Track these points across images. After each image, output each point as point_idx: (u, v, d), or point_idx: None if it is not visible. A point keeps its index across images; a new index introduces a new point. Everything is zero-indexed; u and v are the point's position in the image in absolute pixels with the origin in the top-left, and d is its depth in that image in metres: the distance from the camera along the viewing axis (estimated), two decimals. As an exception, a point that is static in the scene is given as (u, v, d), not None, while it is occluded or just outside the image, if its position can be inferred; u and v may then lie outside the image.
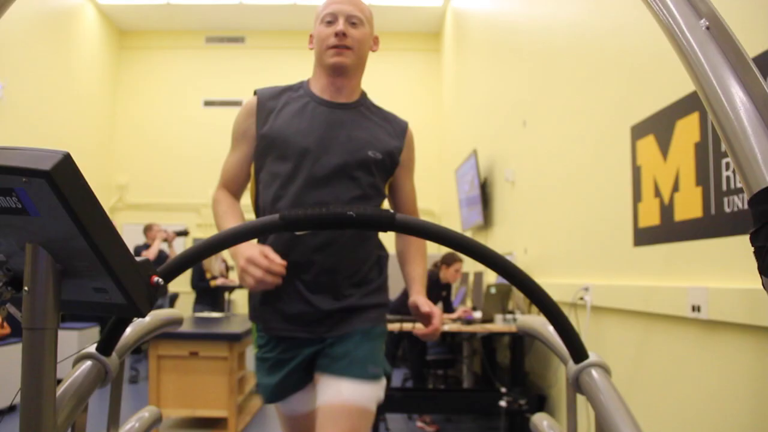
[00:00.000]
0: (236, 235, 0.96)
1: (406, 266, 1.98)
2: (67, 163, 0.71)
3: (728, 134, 0.67)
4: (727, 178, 2.18)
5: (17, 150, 0.72)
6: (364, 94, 1.98)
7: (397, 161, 1.93)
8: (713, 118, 0.70)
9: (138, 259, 0.83)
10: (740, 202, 2.11)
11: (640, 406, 2.75)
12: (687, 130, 2.46)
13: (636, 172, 2.93)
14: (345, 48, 1.83)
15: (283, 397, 1.87)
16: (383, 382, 1.84)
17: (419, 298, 1.84)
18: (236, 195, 1.97)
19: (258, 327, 1.91)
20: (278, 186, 1.83)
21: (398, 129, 1.97)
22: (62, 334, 5.83)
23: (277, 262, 1.64)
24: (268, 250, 1.66)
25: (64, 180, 0.70)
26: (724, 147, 2.13)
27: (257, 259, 1.62)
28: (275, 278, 1.64)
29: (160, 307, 5.17)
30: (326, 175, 1.80)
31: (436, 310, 1.80)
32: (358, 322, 1.84)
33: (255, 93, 1.93)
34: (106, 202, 10.14)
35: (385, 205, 2.03)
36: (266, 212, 1.87)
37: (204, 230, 9.97)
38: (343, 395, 1.71)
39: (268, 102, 1.90)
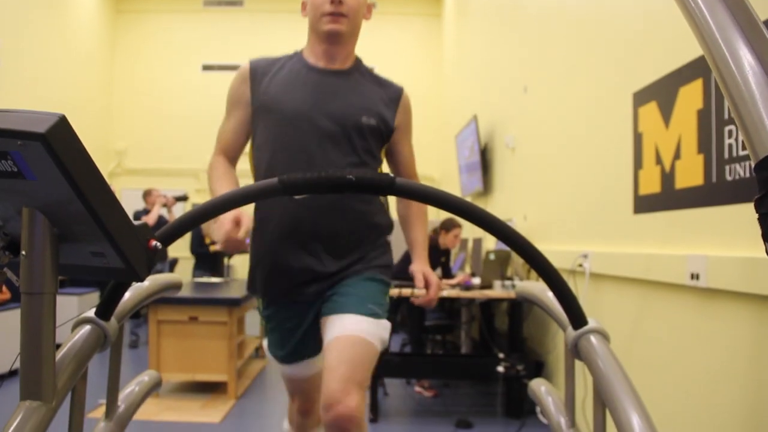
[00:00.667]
0: (235, 199, 0.96)
1: (407, 231, 2.01)
2: (62, 125, 0.70)
3: (735, 99, 0.66)
4: (730, 146, 2.17)
5: (12, 113, 0.71)
6: (358, 60, 1.97)
7: (392, 128, 1.92)
8: (720, 81, 0.69)
9: (136, 223, 0.83)
10: (742, 170, 2.10)
11: (638, 373, 2.77)
12: (690, 97, 2.44)
13: (637, 139, 2.91)
14: (340, 15, 1.82)
15: (292, 362, 1.96)
16: (387, 324, 1.83)
17: (418, 266, 1.89)
18: (232, 161, 1.97)
19: (259, 298, 1.97)
20: (272, 151, 1.83)
21: (393, 95, 1.96)
22: (62, 300, 5.86)
23: (236, 234, 1.60)
24: (244, 215, 1.62)
25: (59, 143, 0.69)
26: (730, 112, 2.12)
27: (224, 222, 1.60)
28: (237, 244, 1.63)
29: (160, 272, 5.19)
30: (319, 140, 1.80)
31: (434, 279, 1.83)
32: (359, 271, 1.88)
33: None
34: (104, 167, 10.10)
35: (384, 170, 2.03)
36: (262, 177, 1.86)
37: (203, 195, 9.95)
38: (347, 328, 1.73)
39: (262, 68, 1.91)
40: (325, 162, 1.79)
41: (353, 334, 1.72)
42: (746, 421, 2.11)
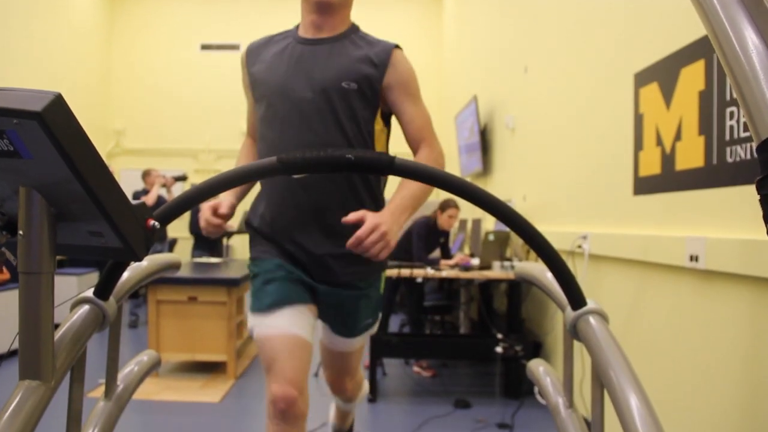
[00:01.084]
0: (233, 177, 0.95)
1: (399, 185, 1.77)
2: (58, 104, 0.69)
3: (738, 79, 0.65)
4: (731, 127, 2.16)
5: (8, 91, 0.70)
6: (352, 27, 1.91)
7: (377, 88, 1.81)
8: (723, 61, 0.68)
9: (134, 202, 0.82)
10: (743, 152, 2.09)
11: (636, 354, 2.78)
12: (692, 78, 2.42)
13: (638, 120, 2.90)
14: None
15: (279, 307, 1.76)
16: (377, 320, 2.05)
17: (372, 214, 1.63)
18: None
19: (252, 258, 1.93)
20: (265, 128, 1.84)
21: (381, 53, 1.83)
22: (61, 280, 5.88)
23: (214, 221, 1.74)
24: (221, 204, 1.76)
25: (55, 121, 0.68)
26: (732, 93, 2.10)
27: (203, 210, 1.75)
28: (216, 228, 1.76)
29: (159, 252, 5.18)
30: (302, 112, 1.77)
31: (370, 218, 1.58)
32: (356, 275, 1.87)
33: None
34: (102, 147, 10.07)
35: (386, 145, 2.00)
36: (263, 155, 1.88)
37: (202, 175, 9.93)
38: (337, 346, 2.02)
39: (255, 49, 1.91)
40: (311, 133, 1.76)
41: (343, 350, 2.04)
42: (743, 402, 2.12)
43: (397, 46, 1.89)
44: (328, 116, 1.78)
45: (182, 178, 7.04)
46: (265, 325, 1.75)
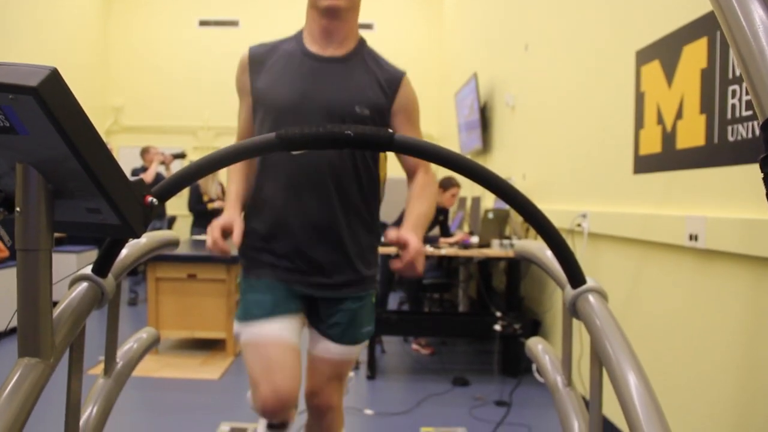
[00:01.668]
0: (233, 153, 0.94)
1: (407, 204, 1.85)
2: (54, 78, 0.68)
3: (743, 54, 0.64)
4: (733, 106, 2.14)
5: (3, 66, 0.69)
6: (360, 43, 1.87)
7: (389, 114, 1.82)
8: (729, 36, 0.67)
9: (131, 179, 0.81)
10: (744, 131, 2.08)
11: (635, 333, 2.79)
12: (694, 56, 2.40)
13: (639, 98, 2.88)
14: None
15: (269, 316, 1.77)
16: (371, 329, 1.98)
17: (399, 230, 1.68)
18: None
19: (244, 275, 1.91)
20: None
21: (392, 80, 1.83)
22: (60, 257, 5.88)
23: (220, 245, 1.69)
24: (235, 226, 1.71)
25: (51, 96, 0.67)
26: (736, 71, 2.09)
27: (212, 229, 1.70)
28: (222, 251, 1.70)
29: (158, 230, 5.17)
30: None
31: (413, 240, 1.64)
32: (350, 290, 1.86)
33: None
34: (101, 124, 10.02)
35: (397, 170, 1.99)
36: (258, 170, 1.86)
37: (201, 153, 9.89)
38: (331, 353, 1.89)
39: (260, 56, 1.84)
40: (321, 156, 1.74)
41: (336, 358, 1.89)
42: (742, 381, 2.13)
43: (405, 74, 1.89)
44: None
45: (181, 156, 7.02)
46: (250, 332, 1.77)
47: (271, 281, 1.82)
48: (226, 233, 1.71)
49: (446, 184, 5.39)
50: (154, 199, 0.85)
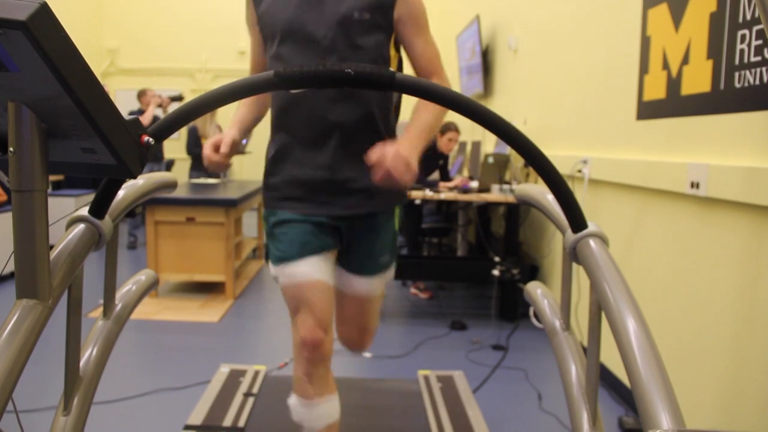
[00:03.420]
0: (230, 92, 0.92)
1: (412, 117, 1.79)
2: (44, 12, 0.66)
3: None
4: (741, 51, 2.10)
5: (-11, 1, 0.66)
6: None
7: (391, 15, 1.77)
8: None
9: (127, 117, 0.80)
10: (752, 78, 2.04)
11: (633, 279, 2.80)
12: (702, -2, 2.35)
13: (645, 42, 2.83)
14: None
15: (301, 257, 1.78)
16: (393, 263, 2.00)
17: (389, 145, 1.62)
18: None
19: (269, 213, 1.89)
20: (275, 67, 1.78)
21: None
22: (58, 201, 5.87)
23: (215, 159, 1.71)
24: (224, 142, 1.71)
25: (41, 31, 0.65)
26: (748, 13, 2.03)
27: (206, 147, 1.73)
28: (219, 165, 1.73)
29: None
30: (314, 48, 1.72)
31: (390, 148, 1.58)
32: (372, 205, 1.84)
33: None
34: (96, 67, 9.89)
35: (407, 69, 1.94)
36: (274, 101, 1.84)
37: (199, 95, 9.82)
38: (357, 289, 1.95)
39: None
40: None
41: (360, 293, 1.95)
42: (737, 327, 2.15)
43: None
44: (344, 50, 1.73)
45: (178, 98, 6.94)
46: (286, 274, 1.81)
47: (298, 216, 1.81)
48: (218, 148, 1.73)
49: (443, 128, 5.33)
50: (150, 139, 0.83)
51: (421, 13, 1.83)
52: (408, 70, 1.87)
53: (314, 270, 1.78)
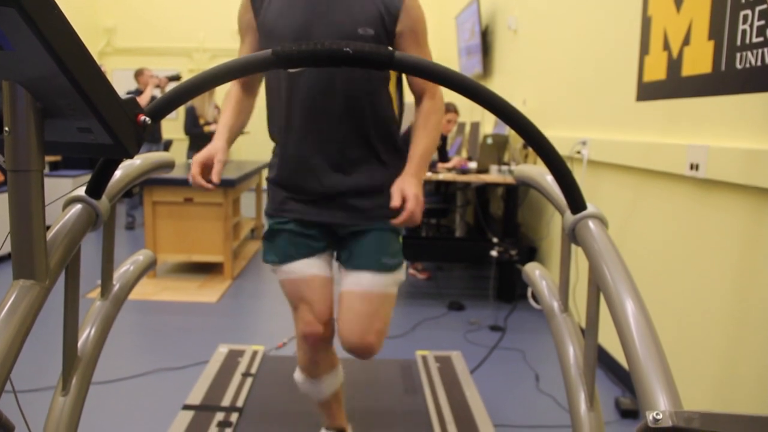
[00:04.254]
0: (227, 71, 0.91)
1: (412, 135, 1.84)
2: (38, -11, 0.65)
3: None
4: (743, 32, 2.08)
5: (-18, -24, 0.65)
6: None
7: (393, 29, 1.76)
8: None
9: (123, 97, 0.79)
10: (753, 58, 2.03)
11: (631, 261, 2.80)
12: (704, -23, 2.33)
13: (646, 22, 2.81)
14: None
15: (294, 260, 1.84)
16: (402, 268, 1.93)
17: (399, 180, 1.71)
18: (250, 88, 1.93)
19: (270, 215, 1.91)
20: (272, 77, 1.78)
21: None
22: (55, 181, 5.86)
23: (197, 181, 1.68)
24: (216, 158, 1.69)
25: (35, 8, 0.64)
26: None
27: (194, 165, 1.69)
28: (200, 185, 1.70)
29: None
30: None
31: (412, 192, 1.66)
32: (371, 219, 1.84)
33: None
34: (93, 46, 9.83)
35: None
36: (271, 110, 1.84)
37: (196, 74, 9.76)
38: (362, 284, 1.84)
39: None
40: (330, 81, 1.72)
41: (368, 289, 1.84)
42: (734, 309, 2.15)
43: None
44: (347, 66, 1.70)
45: (176, 78, 6.90)
46: (283, 271, 1.86)
47: (295, 219, 1.84)
48: (208, 168, 1.70)
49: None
50: (147, 118, 0.82)
51: (421, 28, 1.82)
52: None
53: (311, 266, 1.84)
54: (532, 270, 1.50)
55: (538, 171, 1.36)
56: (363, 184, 1.82)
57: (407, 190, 1.67)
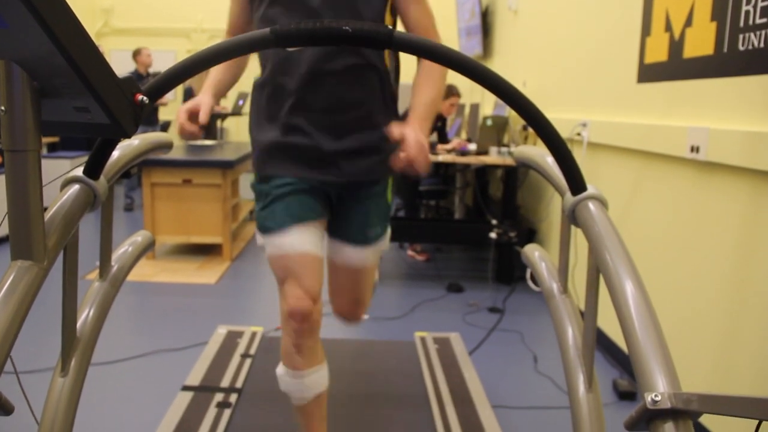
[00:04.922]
0: (225, 50, 0.90)
1: (413, 91, 1.76)
2: (32, -36, 0.64)
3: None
4: (747, 12, 2.07)
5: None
6: None
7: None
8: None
9: (121, 76, 0.78)
10: (756, 40, 2.01)
11: (631, 242, 2.80)
12: (706, -43, 2.31)
13: (647, 3, 2.79)
14: None
15: (289, 225, 1.73)
16: (387, 232, 1.95)
17: (403, 125, 1.60)
18: None
19: (258, 176, 1.82)
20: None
21: None
22: (53, 163, 5.85)
23: (186, 128, 1.67)
24: (202, 107, 1.67)
25: None
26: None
27: (180, 113, 1.67)
28: (190, 134, 1.68)
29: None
30: (310, 13, 1.66)
31: (413, 136, 1.56)
32: (362, 174, 1.79)
33: None
34: (90, 27, 9.76)
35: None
36: (264, 63, 1.78)
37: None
38: (346, 258, 1.90)
39: None
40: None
41: (352, 263, 1.90)
42: (733, 292, 2.16)
43: None
44: (342, 14, 1.67)
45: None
46: (274, 245, 1.75)
47: (287, 180, 1.76)
48: (194, 116, 1.67)
49: (446, 93, 5.30)
50: (145, 98, 0.81)
51: None
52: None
53: (302, 242, 1.73)
54: (532, 251, 1.50)
55: (538, 152, 1.35)
56: (358, 145, 1.76)
57: (408, 134, 1.56)
